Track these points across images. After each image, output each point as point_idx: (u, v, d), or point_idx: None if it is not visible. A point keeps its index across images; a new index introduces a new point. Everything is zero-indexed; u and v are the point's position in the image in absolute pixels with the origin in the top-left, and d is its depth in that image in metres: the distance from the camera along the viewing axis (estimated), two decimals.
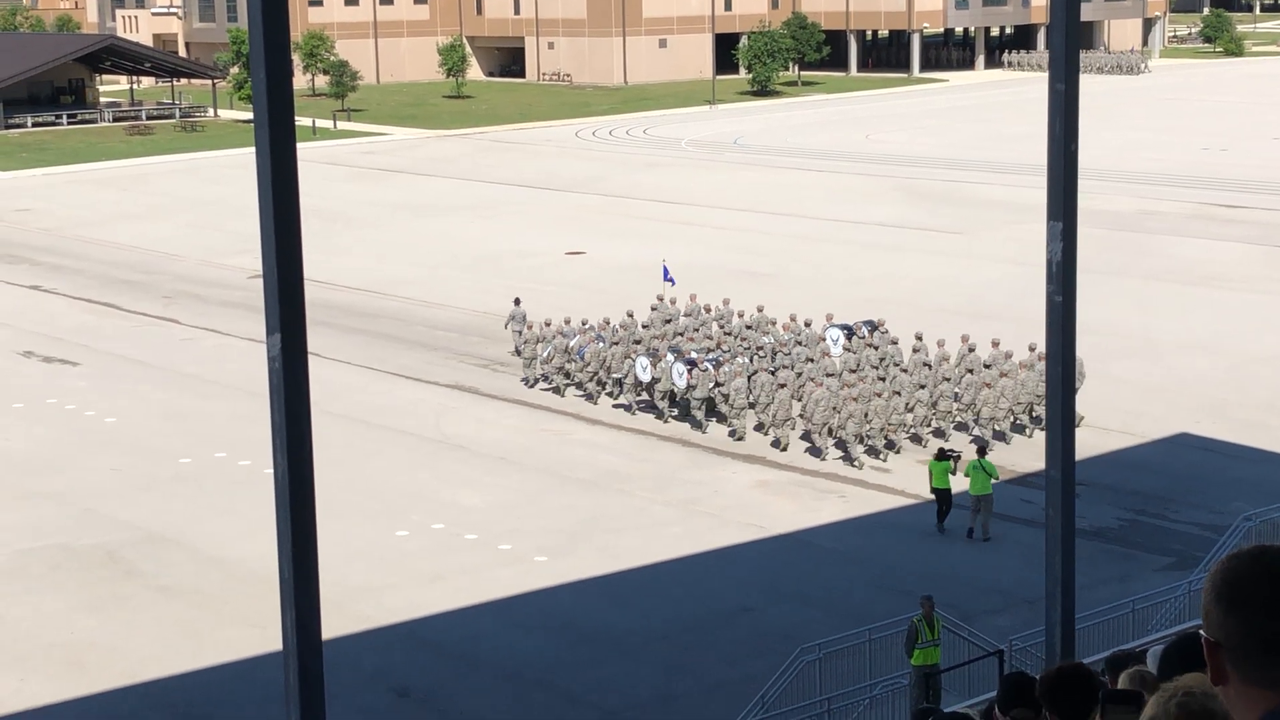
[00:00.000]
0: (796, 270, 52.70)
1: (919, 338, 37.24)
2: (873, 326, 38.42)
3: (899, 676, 22.79)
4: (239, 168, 79.42)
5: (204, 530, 30.46)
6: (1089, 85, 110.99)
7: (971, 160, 78.09)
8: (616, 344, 38.08)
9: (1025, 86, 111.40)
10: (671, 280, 42.43)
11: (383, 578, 28.00)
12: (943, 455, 30.13)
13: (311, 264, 8.11)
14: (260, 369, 8.71)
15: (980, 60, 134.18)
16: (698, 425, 35.77)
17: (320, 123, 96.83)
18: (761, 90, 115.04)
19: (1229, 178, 70.24)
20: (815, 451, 33.94)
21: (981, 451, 30.59)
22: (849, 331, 37.99)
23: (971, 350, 35.93)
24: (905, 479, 32.62)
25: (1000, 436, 34.21)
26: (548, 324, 39.65)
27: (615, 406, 37.77)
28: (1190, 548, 28.67)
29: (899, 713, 21.98)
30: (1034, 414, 34.33)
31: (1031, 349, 34.71)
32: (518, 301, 43.13)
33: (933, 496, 30.22)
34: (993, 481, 29.69)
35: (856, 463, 33.14)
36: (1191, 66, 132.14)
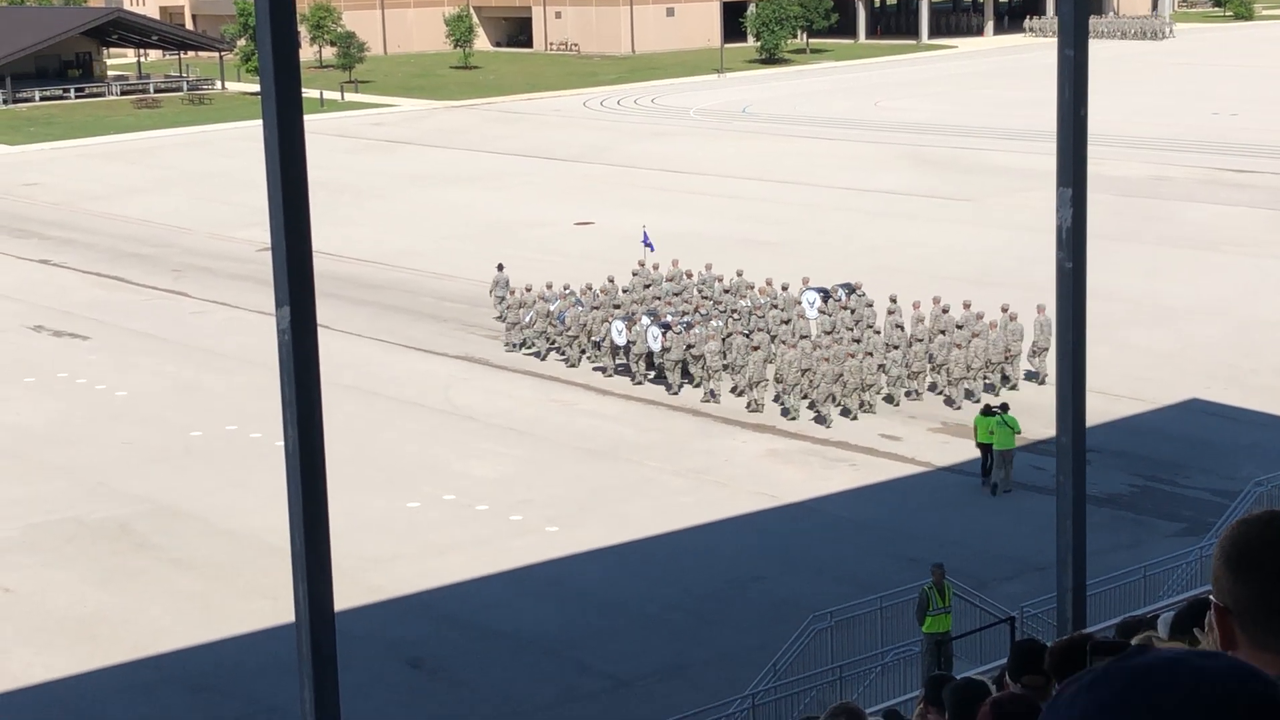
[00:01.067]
0: (805, 238, 52.61)
1: (893, 300, 37.59)
2: (849, 289, 38.89)
3: (910, 644, 22.82)
4: (247, 140, 79.30)
5: (216, 503, 30.54)
6: (1110, 50, 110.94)
7: (981, 127, 77.85)
8: (596, 308, 38.74)
9: (1035, 53, 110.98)
10: (650, 246, 42.78)
11: (394, 548, 28.06)
12: (988, 411, 30.44)
13: (320, 236, 8.10)
14: (270, 342, 8.73)
15: (990, 26, 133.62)
16: (671, 387, 36.38)
17: (328, 94, 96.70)
18: (770, 58, 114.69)
19: (1240, 142, 69.98)
20: (785, 412, 34.46)
21: (1005, 407, 30.71)
22: (825, 295, 38.60)
23: (945, 311, 36.40)
24: (916, 447, 32.63)
25: (970, 395, 34.79)
26: (528, 289, 40.30)
27: (594, 369, 38.29)
28: (1201, 513, 28.67)
29: (910, 680, 22.02)
30: (1004, 374, 35.30)
31: (1004, 309, 35.58)
32: (500, 267, 43.52)
33: (978, 451, 30.77)
34: (1016, 436, 30.23)
35: (828, 422, 33.64)
36: (1201, 31, 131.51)
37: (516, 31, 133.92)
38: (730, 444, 33.27)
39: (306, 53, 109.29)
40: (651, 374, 37.07)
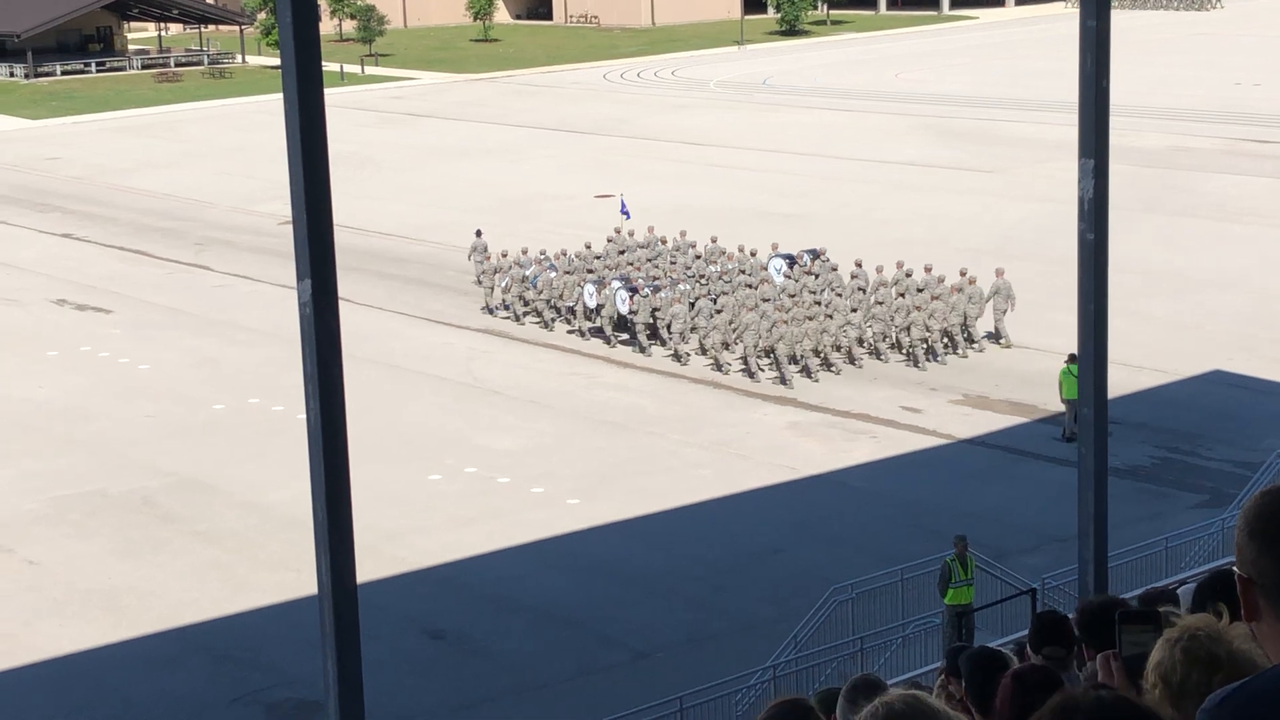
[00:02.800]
0: (825, 210, 52.50)
1: (859, 264, 38.52)
2: (815, 255, 39.92)
3: (931, 616, 22.85)
4: (268, 114, 79.40)
5: (238, 475, 30.66)
6: (1150, 20, 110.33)
7: (1002, 98, 77.55)
8: (569, 273, 39.82)
9: (1056, 23, 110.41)
10: (627, 214, 43.35)
11: (416, 521, 28.15)
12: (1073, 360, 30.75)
13: (341, 209, 8.12)
14: (292, 315, 8.75)
15: None
16: (641, 348, 37.35)
17: (348, 68, 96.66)
18: (790, 30, 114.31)
19: (1261, 113, 69.60)
20: (748, 372, 35.26)
21: (1073, 359, 30.80)
22: (791, 260, 39.56)
23: (908, 275, 37.38)
24: (937, 419, 32.61)
25: (932, 354, 35.84)
26: (504, 255, 41.56)
27: (569, 332, 39.19)
28: (1223, 485, 28.61)
29: (931, 652, 22.05)
30: (966, 334, 36.45)
31: (962, 273, 36.82)
32: (479, 233, 44.03)
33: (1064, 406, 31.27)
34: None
35: (789, 382, 34.49)
36: (1253, 1, 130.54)
37: (536, 4, 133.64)
38: (751, 417, 33.28)
39: (327, 26, 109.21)
40: (624, 336, 38.11)
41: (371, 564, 24.25)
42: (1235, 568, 3.33)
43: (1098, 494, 9.10)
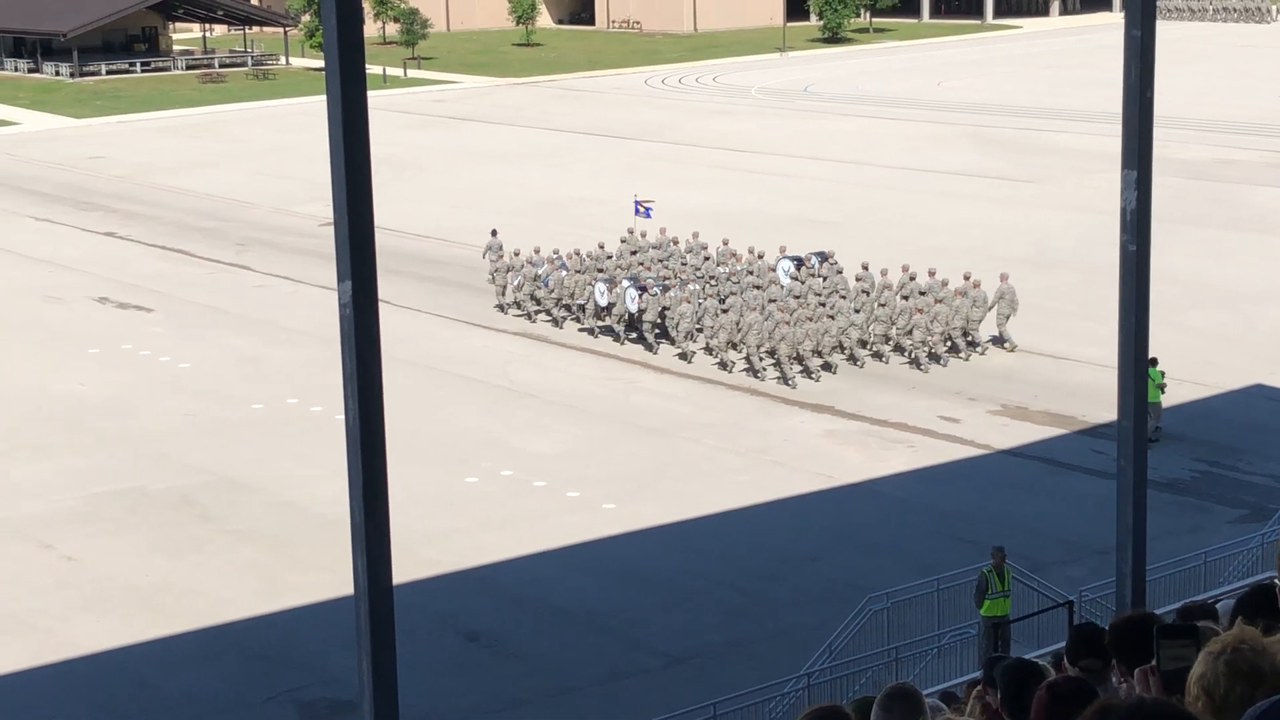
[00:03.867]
0: (864, 218, 52.39)
1: (865, 267, 38.70)
2: (823, 257, 40.18)
3: (967, 626, 22.75)
4: (310, 115, 79.74)
5: (276, 475, 30.79)
6: (1201, 32, 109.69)
7: (1045, 108, 77.25)
8: (580, 272, 40.36)
9: (1100, 33, 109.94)
10: (648, 214, 43.65)
11: (452, 523, 28.21)
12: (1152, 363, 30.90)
13: (382, 212, 8.15)
14: (331, 316, 8.80)
15: (1056, 6, 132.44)
16: (649, 347, 38.05)
17: (391, 71, 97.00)
18: (833, 37, 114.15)
19: None
20: (752, 371, 35.02)
21: (1153, 362, 30.86)
22: (798, 262, 39.92)
23: (912, 279, 37.61)
24: (975, 430, 32.49)
25: (935, 358, 36.31)
26: (516, 254, 42.22)
27: (580, 331, 39.68)
28: (1264, 499, 28.40)
29: (967, 663, 21.96)
30: (969, 338, 36.77)
31: (966, 277, 37.13)
32: (494, 233, 44.55)
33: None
34: (1159, 386, 30.99)
35: (791, 381, 35.12)
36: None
37: (579, 9, 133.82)
38: (788, 424, 33.23)
39: (370, 29, 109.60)
40: (633, 335, 38.71)
41: (407, 565, 24.31)
42: (1277, 581, 3.31)
43: (1136, 507, 9.04)
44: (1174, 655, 4.40)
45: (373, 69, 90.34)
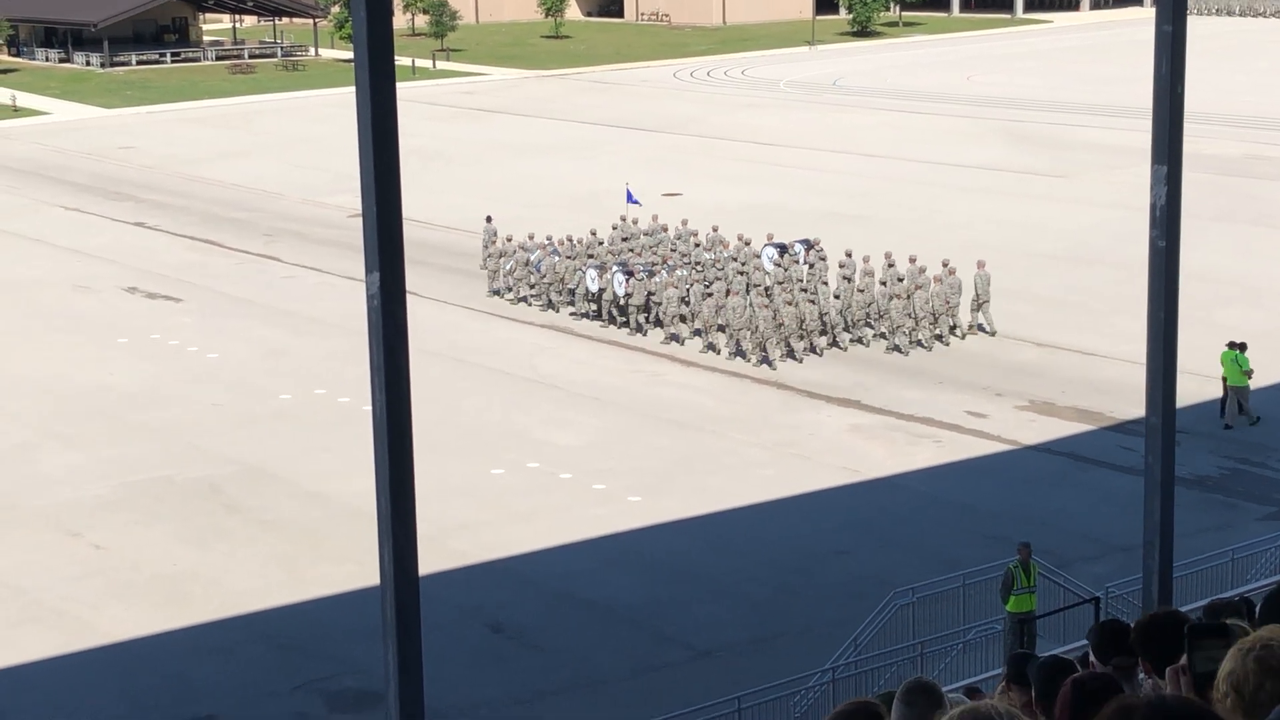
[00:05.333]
0: (891, 213, 52.28)
1: (848, 254, 39.74)
2: (808, 245, 41.28)
3: (993, 622, 22.70)
4: (339, 107, 79.92)
5: (303, 466, 30.88)
6: (1236, 27, 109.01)
7: (1074, 102, 76.96)
8: (571, 258, 41.58)
9: (1130, 28, 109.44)
10: (637, 202, 45.08)
11: (478, 515, 28.26)
12: (1233, 346, 31.94)
13: (410, 203, 8.17)
14: (359, 307, 8.83)
15: (1086, 1, 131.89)
16: (637, 329, 39.08)
17: (420, 62, 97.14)
18: (862, 31, 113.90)
19: None
20: (737, 354, 36.42)
21: (1232, 345, 32.25)
22: (783, 249, 40.93)
23: (891, 266, 38.66)
24: (1002, 425, 32.41)
25: (919, 343, 37.33)
26: (509, 239, 43.35)
27: (572, 315, 40.59)
28: None
29: (992, 658, 21.92)
30: (952, 326, 37.87)
31: (944, 264, 38.26)
32: (489, 219, 45.37)
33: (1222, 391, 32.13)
34: (1246, 373, 31.83)
35: (772, 364, 36.11)
36: None
37: (608, 1, 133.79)
38: (814, 418, 33.19)
39: (399, 20, 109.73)
40: (623, 319, 39.64)
41: (433, 556, 24.36)
42: None
43: (1164, 503, 9.01)
44: (1207, 656, 4.36)
45: (401, 61, 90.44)
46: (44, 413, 34.40)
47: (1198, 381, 32.83)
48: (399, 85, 6.42)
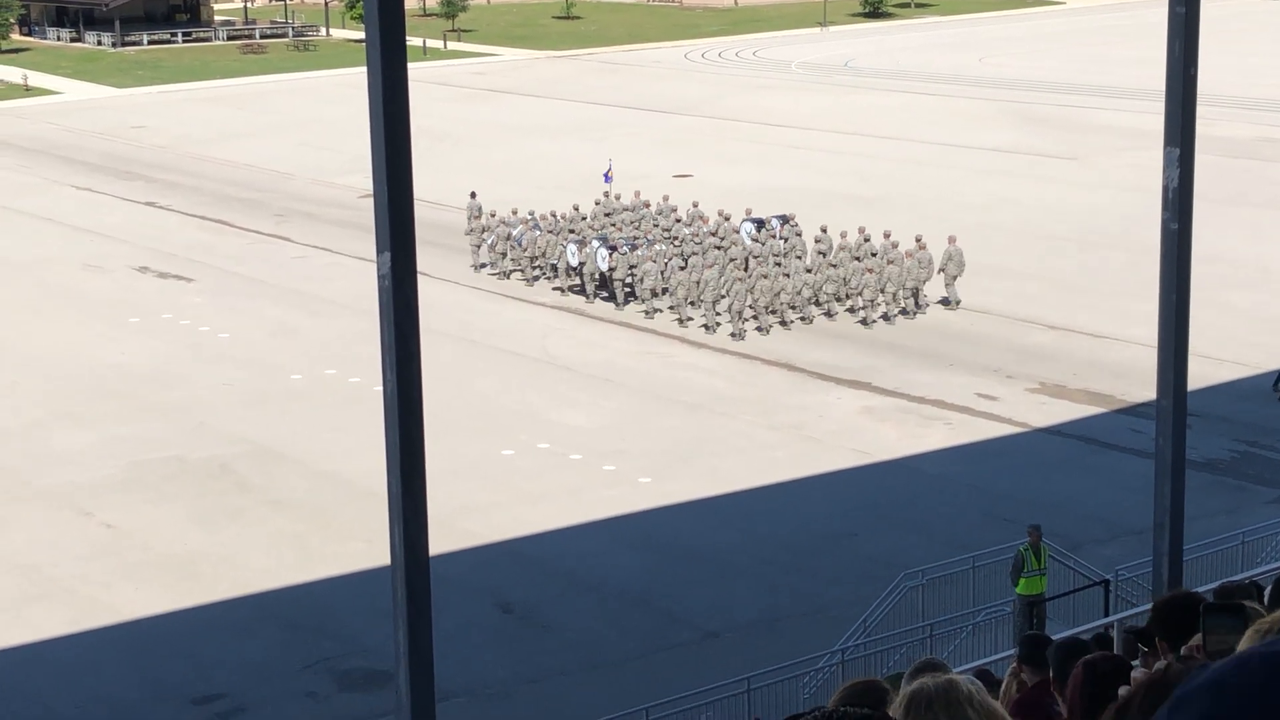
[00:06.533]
0: (903, 194, 52.18)
1: (824, 229, 40.88)
2: (784, 220, 42.16)
3: (1003, 604, 22.71)
4: (351, 87, 79.84)
5: (314, 445, 30.92)
6: (1252, 6, 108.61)
7: (1087, 84, 76.73)
8: (553, 233, 42.09)
9: (1144, 10, 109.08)
10: (609, 179, 45.73)
11: (489, 495, 28.29)
12: None
13: (421, 184, 8.17)
14: (370, 287, 8.84)
15: None
16: (619, 303, 39.79)
17: (431, 43, 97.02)
18: (874, 12, 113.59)
19: None
20: (707, 326, 36.88)
21: None
22: (759, 224, 41.80)
23: (866, 241, 39.66)
24: (1013, 407, 32.38)
25: (886, 317, 38.01)
26: (493, 215, 43.96)
27: (554, 289, 41.13)
28: None
29: (1001, 640, 21.92)
30: (919, 299, 38.49)
31: (917, 239, 38.91)
32: (473, 195, 45.38)
33: None
34: None
35: (739, 334, 36.81)
36: None
37: None
38: (824, 400, 33.18)
39: (410, 1, 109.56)
40: (604, 293, 40.33)
41: (443, 537, 24.38)
42: None
43: (1175, 486, 9.02)
44: (1220, 635, 4.38)
45: (412, 41, 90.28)
46: (55, 392, 34.47)
47: (1210, 364, 32.80)
48: (410, 66, 6.41)
